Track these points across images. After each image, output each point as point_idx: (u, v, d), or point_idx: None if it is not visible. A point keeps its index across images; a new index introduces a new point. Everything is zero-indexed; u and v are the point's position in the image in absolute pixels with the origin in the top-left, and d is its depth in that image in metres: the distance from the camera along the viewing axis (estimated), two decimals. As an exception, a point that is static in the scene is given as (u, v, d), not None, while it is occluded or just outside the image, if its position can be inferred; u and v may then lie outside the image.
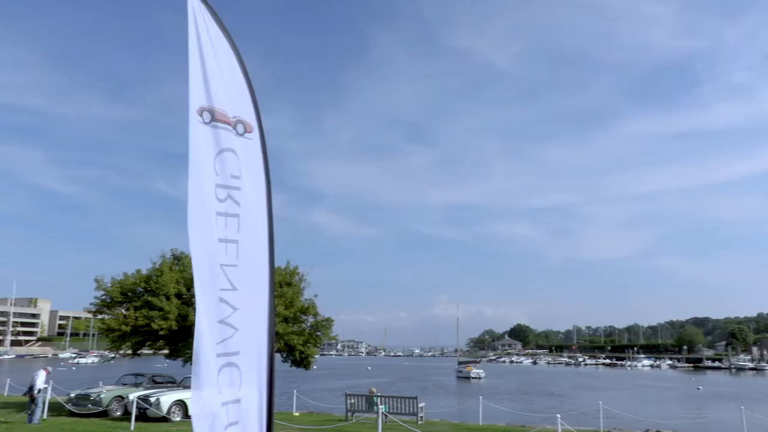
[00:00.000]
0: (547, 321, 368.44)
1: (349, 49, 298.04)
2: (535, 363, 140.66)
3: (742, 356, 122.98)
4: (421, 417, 19.80)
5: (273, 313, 3.75)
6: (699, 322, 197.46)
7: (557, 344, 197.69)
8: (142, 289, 22.64)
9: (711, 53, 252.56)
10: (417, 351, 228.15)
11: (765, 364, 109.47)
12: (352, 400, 20.75)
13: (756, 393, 53.57)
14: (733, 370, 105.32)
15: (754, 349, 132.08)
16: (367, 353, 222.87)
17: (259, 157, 3.85)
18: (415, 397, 20.04)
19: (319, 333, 24.99)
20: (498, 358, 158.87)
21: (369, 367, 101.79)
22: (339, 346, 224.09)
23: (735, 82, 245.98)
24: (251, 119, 3.85)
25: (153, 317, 20.70)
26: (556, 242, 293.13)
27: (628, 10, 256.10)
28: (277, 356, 25.68)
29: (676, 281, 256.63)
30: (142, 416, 18.17)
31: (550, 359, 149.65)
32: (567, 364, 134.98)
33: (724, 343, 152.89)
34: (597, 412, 21.51)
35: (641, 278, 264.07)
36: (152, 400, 18.50)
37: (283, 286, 23.90)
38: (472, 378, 70.52)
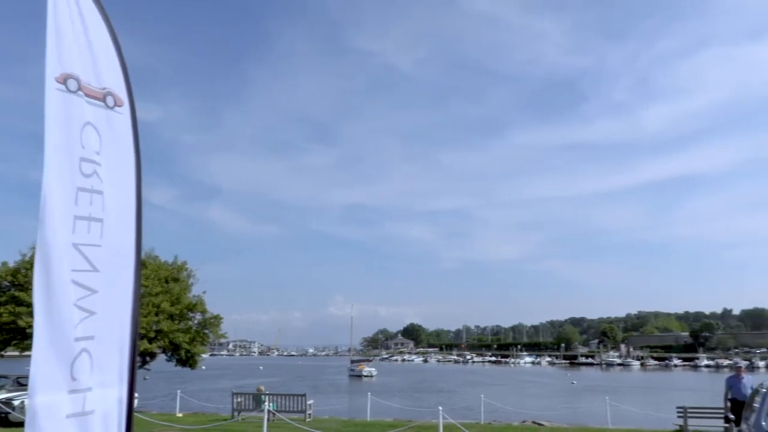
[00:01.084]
0: (439, 320, 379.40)
1: (254, 42, 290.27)
2: (425, 361, 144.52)
3: (611, 353, 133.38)
4: (310, 414, 19.70)
5: (138, 299, 3.56)
6: (576, 322, 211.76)
7: (448, 343, 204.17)
8: (8, 283, 20.81)
9: (596, 72, 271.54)
10: (311, 350, 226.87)
11: (631, 360, 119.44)
12: (239, 399, 20.23)
13: (621, 386, 58.38)
14: (604, 366, 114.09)
15: (622, 347, 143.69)
16: (259, 353, 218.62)
17: (129, 132, 3.63)
18: (304, 395, 19.90)
19: (206, 331, 24.21)
20: (391, 356, 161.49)
21: (261, 367, 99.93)
22: (230, 346, 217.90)
23: (616, 101, 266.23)
24: (122, 93, 3.62)
25: (20, 314, 19.06)
26: (450, 244, 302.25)
27: (523, 25, 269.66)
28: (161, 356, 24.59)
29: (557, 283, 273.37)
30: (4, 421, 16.65)
31: (440, 357, 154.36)
32: (456, 361, 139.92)
33: (597, 341, 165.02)
34: (480, 406, 22.46)
35: (527, 280, 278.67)
36: (16, 403, 17.00)
37: (170, 281, 22.94)
38: (364, 376, 71.30)
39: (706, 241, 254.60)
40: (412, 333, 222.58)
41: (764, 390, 5.46)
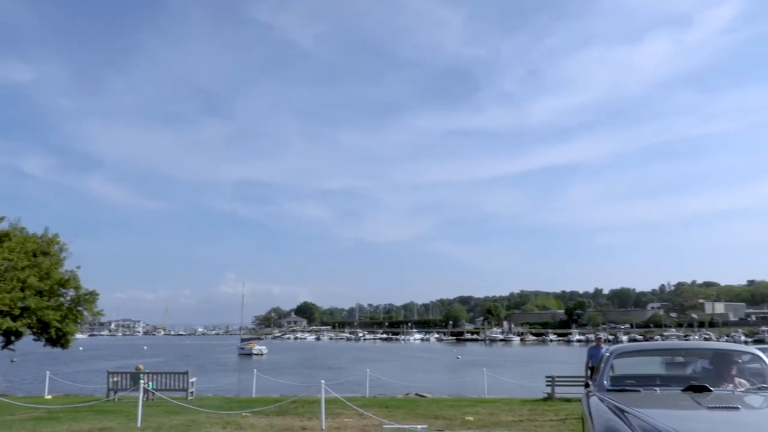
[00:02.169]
0: (333, 299, 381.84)
1: (141, 3, 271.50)
2: (318, 339, 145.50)
3: (495, 329, 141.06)
4: (192, 392, 19.15)
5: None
6: (464, 300, 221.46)
7: (341, 321, 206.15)
8: None
9: (489, 62, 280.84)
10: (200, 329, 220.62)
11: (512, 336, 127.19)
12: (116, 379, 19.25)
13: (500, 360, 62.05)
14: (487, 342, 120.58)
15: (505, 324, 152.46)
16: (144, 333, 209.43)
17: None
18: (186, 372, 19.28)
19: (80, 308, 22.70)
20: (283, 335, 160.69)
21: (145, 347, 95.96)
22: (112, 326, 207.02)
23: (506, 91, 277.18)
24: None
25: None
26: (345, 224, 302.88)
27: (424, 11, 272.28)
28: (29, 336, 22.87)
29: (448, 264, 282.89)
30: None
31: (332, 335, 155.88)
32: (348, 339, 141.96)
33: (482, 318, 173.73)
34: (369, 381, 22.98)
35: (419, 260, 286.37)
36: None
37: (38, 255, 21.25)
38: (255, 355, 70.63)
39: (582, 227, 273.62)
40: (306, 311, 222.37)
41: (608, 354, 6.02)
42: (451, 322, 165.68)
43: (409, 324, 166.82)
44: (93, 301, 23.09)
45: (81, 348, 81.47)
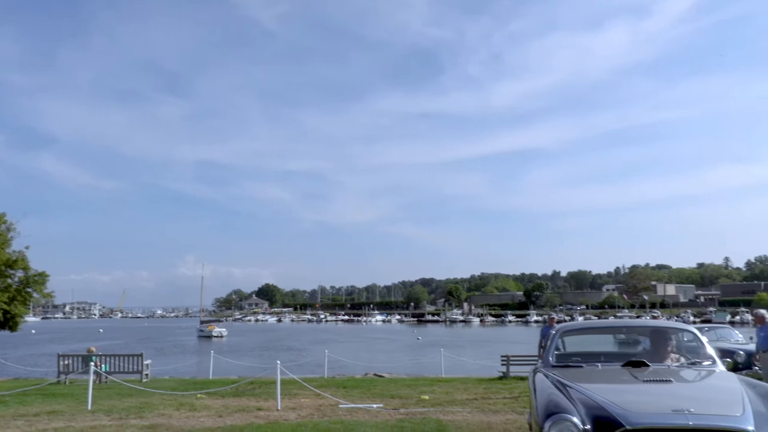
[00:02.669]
0: (295, 281, 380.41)
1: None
2: (279, 321, 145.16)
3: (455, 311, 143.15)
4: (147, 375, 18.86)
5: None
6: (425, 282, 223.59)
7: (303, 303, 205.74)
8: None
9: (454, 45, 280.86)
10: (159, 312, 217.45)
11: (472, 317, 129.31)
12: (66, 361, 18.78)
13: (460, 340, 63.13)
14: (448, 323, 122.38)
15: (465, 305, 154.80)
16: (101, 315, 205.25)
17: None
18: (140, 355, 18.95)
19: (29, 290, 22.00)
20: (244, 317, 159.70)
21: (101, 330, 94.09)
22: (67, 309, 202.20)
23: (470, 74, 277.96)
24: None
25: None
26: (307, 206, 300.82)
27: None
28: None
29: (409, 246, 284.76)
30: None
31: (294, 317, 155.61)
32: (309, 321, 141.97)
33: (443, 300, 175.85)
34: (329, 362, 23.01)
35: (381, 242, 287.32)
36: None
37: (-17, 235, 20.47)
38: (214, 337, 70.11)
39: (541, 210, 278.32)
40: (267, 293, 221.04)
41: (554, 333, 6.17)
42: (412, 304, 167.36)
43: (371, 306, 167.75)
44: (43, 282, 22.40)
45: (33, 331, 79.33)
